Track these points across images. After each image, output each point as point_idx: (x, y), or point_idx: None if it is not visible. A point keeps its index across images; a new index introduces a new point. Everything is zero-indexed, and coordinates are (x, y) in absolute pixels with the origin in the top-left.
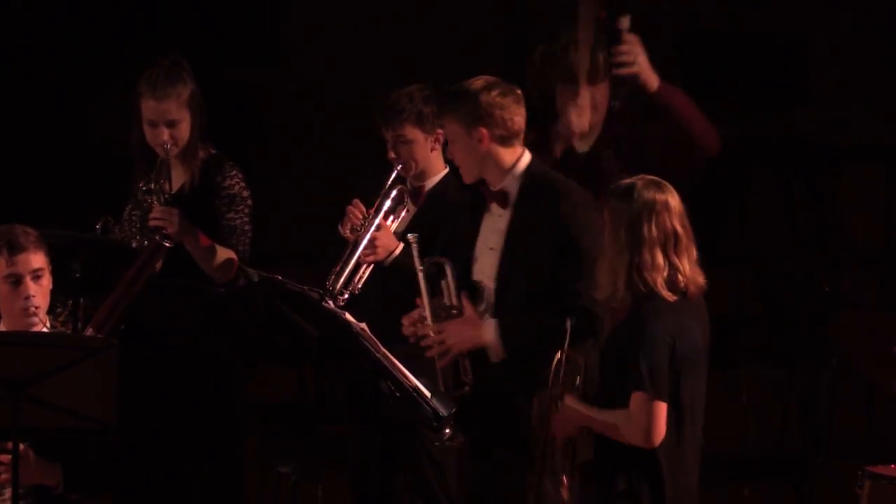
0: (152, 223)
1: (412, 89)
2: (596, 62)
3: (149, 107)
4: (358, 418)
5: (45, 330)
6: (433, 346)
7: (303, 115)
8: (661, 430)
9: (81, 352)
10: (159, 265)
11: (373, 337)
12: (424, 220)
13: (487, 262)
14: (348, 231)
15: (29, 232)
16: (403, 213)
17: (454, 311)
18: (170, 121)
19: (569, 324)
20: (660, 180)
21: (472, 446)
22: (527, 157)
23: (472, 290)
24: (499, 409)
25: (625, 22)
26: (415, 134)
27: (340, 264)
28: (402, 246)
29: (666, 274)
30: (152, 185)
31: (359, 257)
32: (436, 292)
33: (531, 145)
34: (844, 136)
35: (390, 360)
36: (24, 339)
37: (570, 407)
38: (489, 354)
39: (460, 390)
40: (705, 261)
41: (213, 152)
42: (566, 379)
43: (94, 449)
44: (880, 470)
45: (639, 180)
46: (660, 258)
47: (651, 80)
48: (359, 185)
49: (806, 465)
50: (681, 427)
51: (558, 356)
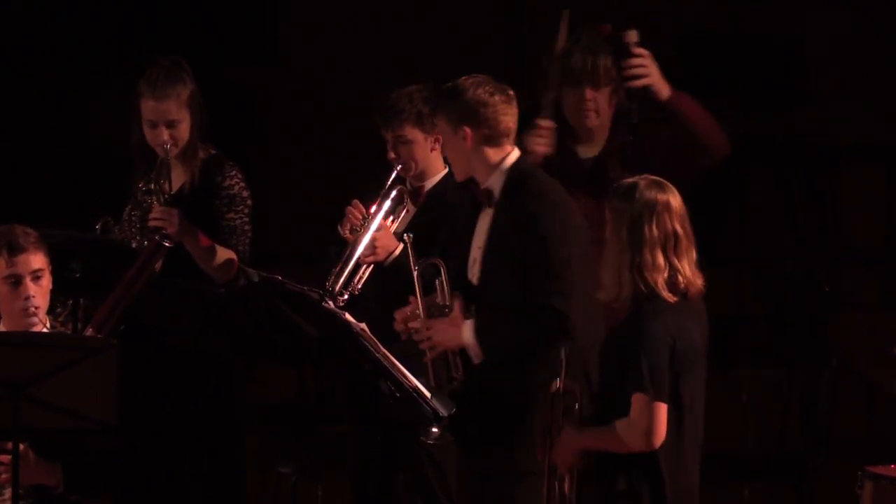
0: (152, 223)
1: (412, 90)
2: (596, 67)
3: (148, 107)
4: (358, 418)
5: (44, 330)
6: (423, 341)
7: (303, 115)
8: (661, 432)
9: (81, 352)
10: (159, 265)
11: (373, 337)
12: (424, 220)
13: (479, 262)
14: (348, 232)
15: (29, 232)
16: (403, 214)
17: (446, 310)
18: (170, 121)
19: (563, 353)
20: (662, 181)
21: (464, 445)
22: (513, 156)
23: (466, 289)
24: (488, 407)
25: (633, 36)
26: (414, 134)
27: (340, 265)
28: (401, 246)
29: (666, 275)
30: (152, 186)
31: (358, 258)
32: (431, 291)
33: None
34: (844, 136)
35: (390, 360)
36: (24, 340)
37: (569, 436)
38: (470, 355)
39: (450, 385)
40: (705, 261)
41: (213, 152)
42: (564, 409)
43: (94, 449)
44: (880, 470)
45: (641, 180)
46: (660, 258)
47: (663, 89)
48: (359, 185)
49: (806, 465)
50: (681, 427)
51: (555, 386)
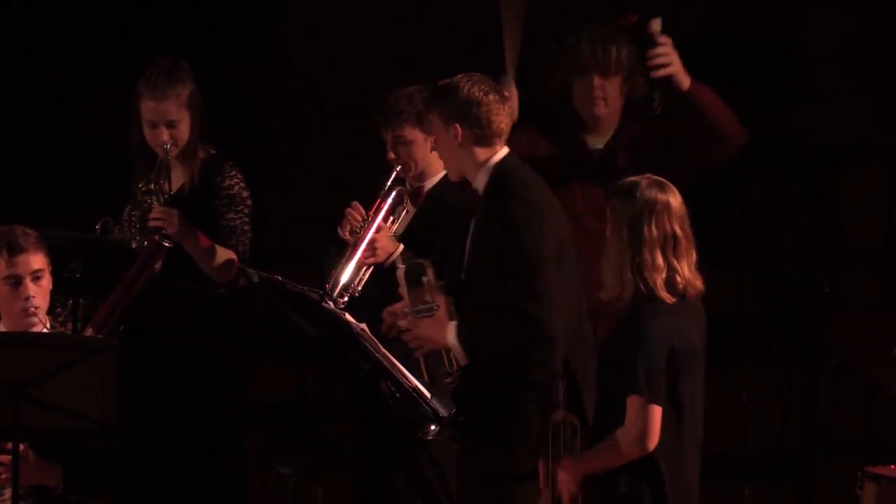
0: (152, 223)
1: (412, 90)
2: (606, 55)
3: (148, 107)
4: (358, 418)
5: (44, 330)
6: (411, 340)
7: (303, 115)
8: (655, 435)
9: (81, 352)
10: (159, 265)
11: (373, 337)
12: (424, 220)
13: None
14: (347, 233)
15: (29, 233)
16: (403, 215)
17: (434, 309)
18: (169, 121)
19: (562, 387)
20: (663, 180)
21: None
22: (500, 154)
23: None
24: (481, 406)
25: (656, 25)
26: (414, 135)
27: (340, 267)
28: (401, 247)
29: (665, 275)
30: (152, 186)
31: (358, 260)
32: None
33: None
34: (844, 136)
35: (390, 360)
36: (24, 340)
37: (568, 466)
38: (456, 356)
39: (442, 380)
40: (705, 262)
41: (213, 153)
42: (565, 443)
43: (94, 449)
44: (880, 470)
45: (643, 179)
46: (659, 258)
47: (684, 79)
48: (359, 186)
49: (806, 465)
50: (680, 427)
51: (556, 417)
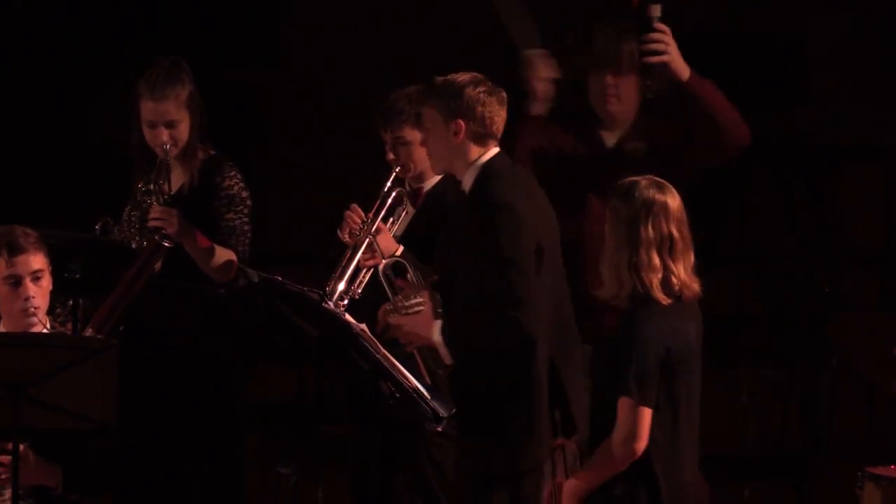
0: (152, 223)
1: (411, 90)
2: (619, 53)
3: (148, 108)
4: (358, 418)
5: (44, 330)
6: (400, 336)
7: (303, 115)
8: (643, 437)
9: (81, 352)
10: (159, 265)
11: (373, 338)
12: (423, 221)
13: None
14: (347, 236)
15: (29, 233)
16: (402, 216)
17: (419, 307)
18: (169, 121)
19: (557, 415)
20: (662, 181)
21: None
22: (489, 154)
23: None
24: (474, 403)
25: (656, 10)
26: (414, 135)
27: (339, 269)
28: (401, 249)
29: (661, 276)
30: (151, 186)
31: (358, 262)
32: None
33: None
34: (844, 136)
35: (390, 360)
36: (23, 340)
37: (570, 489)
38: (442, 356)
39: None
40: (704, 264)
41: (213, 153)
42: (566, 467)
43: (93, 449)
44: (880, 471)
45: (642, 179)
46: (656, 259)
47: (682, 70)
48: (358, 186)
49: (806, 465)
50: (676, 427)
51: (558, 445)
